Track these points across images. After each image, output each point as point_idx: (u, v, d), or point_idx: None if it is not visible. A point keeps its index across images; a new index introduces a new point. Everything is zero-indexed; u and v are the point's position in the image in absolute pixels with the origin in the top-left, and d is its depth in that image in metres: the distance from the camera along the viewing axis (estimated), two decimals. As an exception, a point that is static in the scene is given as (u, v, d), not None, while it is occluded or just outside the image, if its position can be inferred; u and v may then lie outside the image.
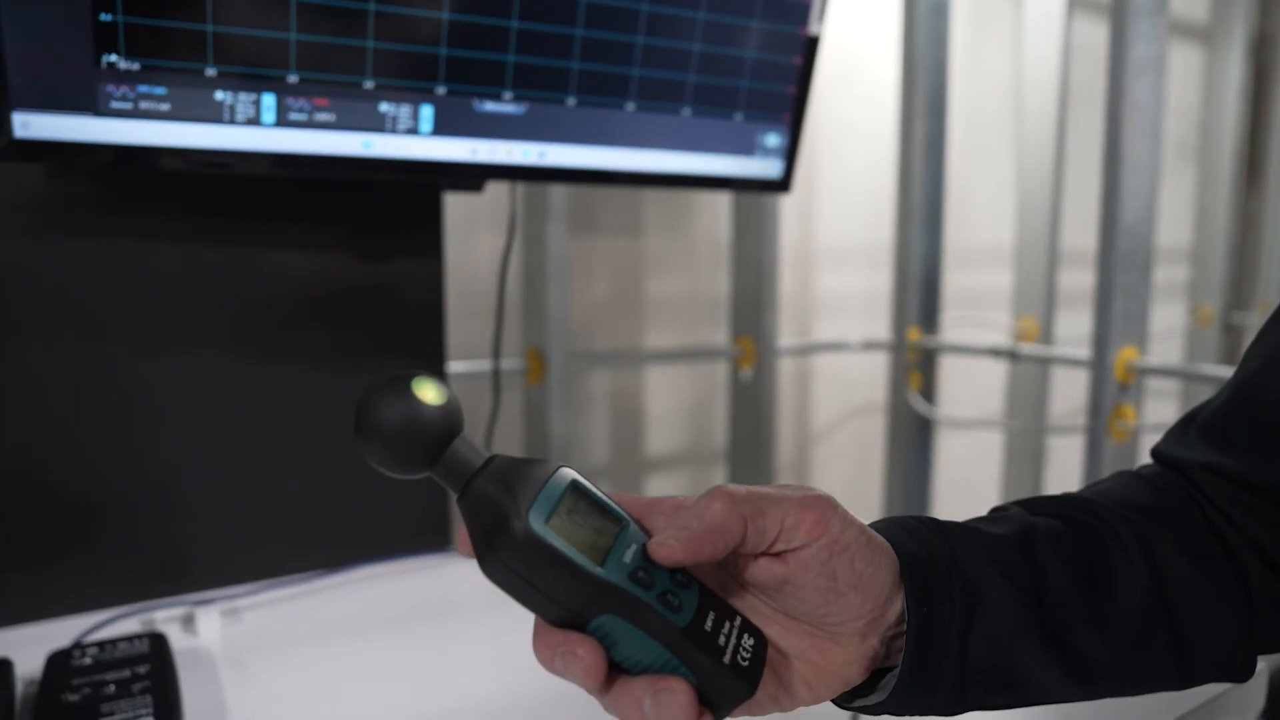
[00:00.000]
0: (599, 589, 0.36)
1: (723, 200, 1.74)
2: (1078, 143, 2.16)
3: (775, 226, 1.63)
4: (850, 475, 2.16)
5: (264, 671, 0.74)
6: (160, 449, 0.86)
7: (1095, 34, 2.26)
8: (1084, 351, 1.57)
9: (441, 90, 0.79)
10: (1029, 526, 0.46)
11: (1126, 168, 1.44)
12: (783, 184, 1.01)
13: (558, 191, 1.38)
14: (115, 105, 0.69)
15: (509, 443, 1.51)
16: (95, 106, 0.69)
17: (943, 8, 1.79)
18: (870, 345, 1.97)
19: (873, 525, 0.43)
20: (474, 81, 0.80)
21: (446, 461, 0.37)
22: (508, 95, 0.82)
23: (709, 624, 0.38)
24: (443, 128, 0.80)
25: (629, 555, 0.37)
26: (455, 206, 1.34)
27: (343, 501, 0.95)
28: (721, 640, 0.38)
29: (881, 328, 2.00)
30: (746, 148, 0.97)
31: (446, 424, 0.37)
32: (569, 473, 0.38)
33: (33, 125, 0.67)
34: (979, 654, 0.42)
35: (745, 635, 0.39)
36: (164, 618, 0.82)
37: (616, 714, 0.37)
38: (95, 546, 0.84)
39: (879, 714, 0.43)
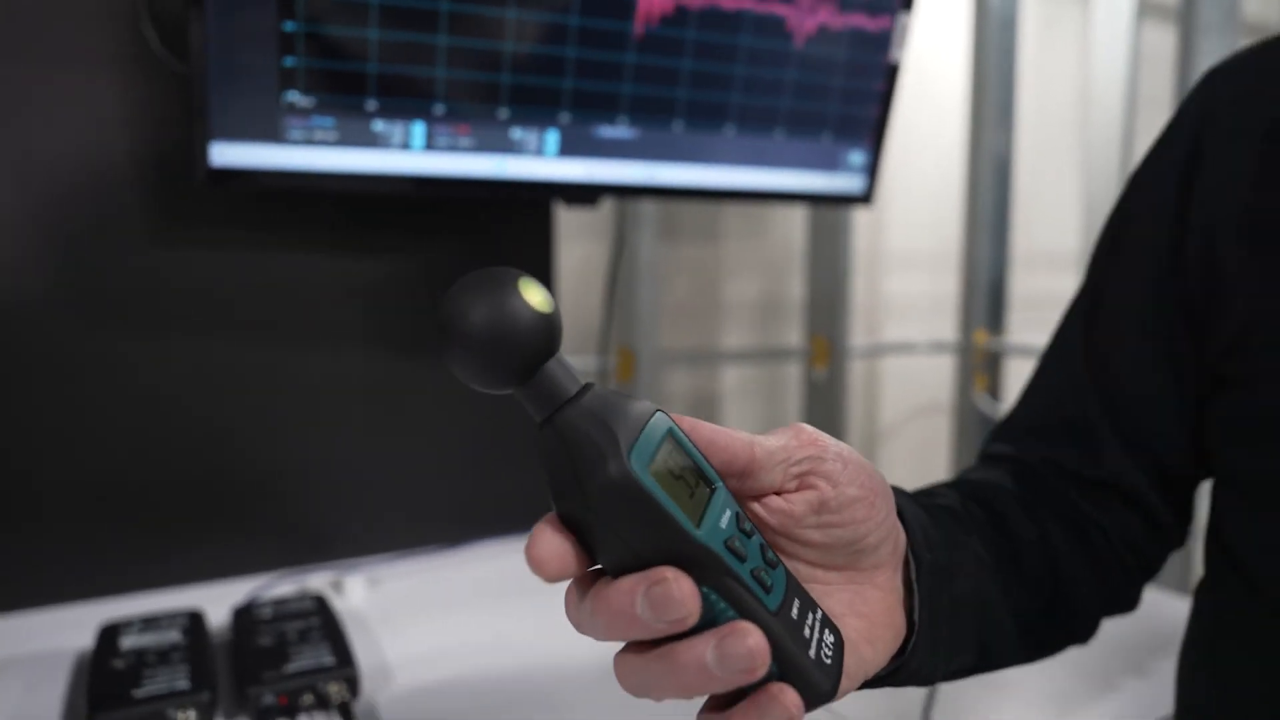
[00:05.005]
0: (697, 554, 0.31)
1: (796, 208, 1.82)
2: (1145, 148, 2.20)
3: (850, 231, 1.70)
4: (916, 473, 2.22)
5: (406, 629, 0.84)
6: (306, 434, 0.97)
7: (1163, 40, 2.29)
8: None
9: (565, 118, 0.89)
10: (959, 503, 0.51)
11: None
12: (865, 198, 1.09)
13: (648, 202, 1.47)
14: (293, 135, 0.80)
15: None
16: (277, 136, 0.80)
17: (1011, 21, 1.85)
18: (937, 347, 2.03)
19: None
20: (594, 109, 0.90)
21: (538, 381, 0.31)
22: (623, 121, 0.92)
23: (795, 611, 0.34)
24: (566, 150, 0.90)
25: (724, 521, 0.32)
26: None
27: (458, 486, 1.05)
28: (807, 632, 0.34)
29: (946, 330, 2.07)
30: (832, 165, 1.05)
31: (548, 337, 0.31)
32: (666, 418, 0.33)
33: (227, 154, 0.79)
34: (961, 593, 0.45)
35: (826, 631, 0.35)
36: (316, 582, 0.93)
37: (673, 676, 0.32)
38: (249, 520, 0.96)
39: (899, 677, 0.44)
